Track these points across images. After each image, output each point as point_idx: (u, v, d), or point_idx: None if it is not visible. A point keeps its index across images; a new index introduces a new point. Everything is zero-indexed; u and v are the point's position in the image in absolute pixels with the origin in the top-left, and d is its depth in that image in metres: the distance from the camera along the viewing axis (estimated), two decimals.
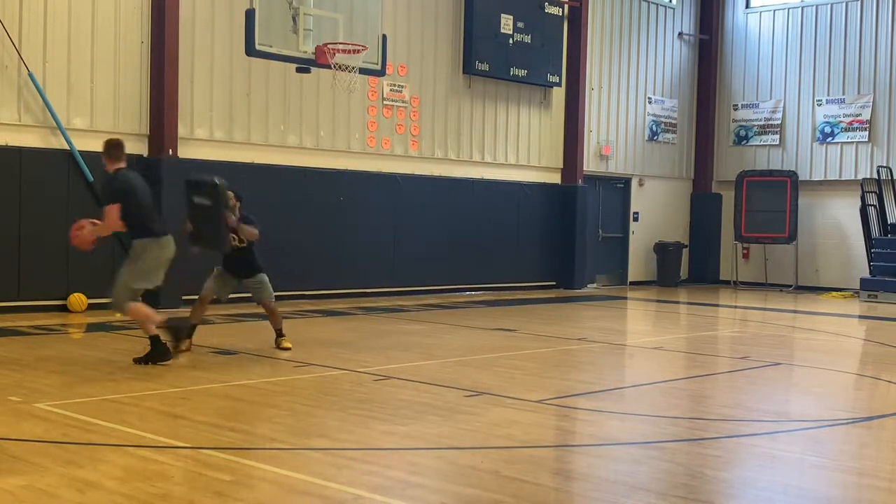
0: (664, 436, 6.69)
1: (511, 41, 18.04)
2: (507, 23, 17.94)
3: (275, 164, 15.05)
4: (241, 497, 4.85)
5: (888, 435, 7.11)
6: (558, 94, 19.41)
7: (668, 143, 22.03)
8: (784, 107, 21.50)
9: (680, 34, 22.11)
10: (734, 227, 21.53)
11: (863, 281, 19.00)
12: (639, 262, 21.49)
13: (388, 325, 12.82)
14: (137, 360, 8.82)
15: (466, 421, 6.79)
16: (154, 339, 8.81)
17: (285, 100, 15.17)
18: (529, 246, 19.04)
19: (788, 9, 21.53)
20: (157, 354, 8.77)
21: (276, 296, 15.84)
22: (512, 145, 18.75)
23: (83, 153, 12.97)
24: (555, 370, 9.47)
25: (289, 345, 10.06)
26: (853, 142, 20.53)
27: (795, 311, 16.73)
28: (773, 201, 20.82)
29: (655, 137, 21.69)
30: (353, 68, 11.95)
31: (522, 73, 18.29)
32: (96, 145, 13.18)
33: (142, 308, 8.94)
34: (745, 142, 22.12)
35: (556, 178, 19.61)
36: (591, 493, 5.21)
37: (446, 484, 5.25)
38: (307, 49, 11.67)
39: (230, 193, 9.71)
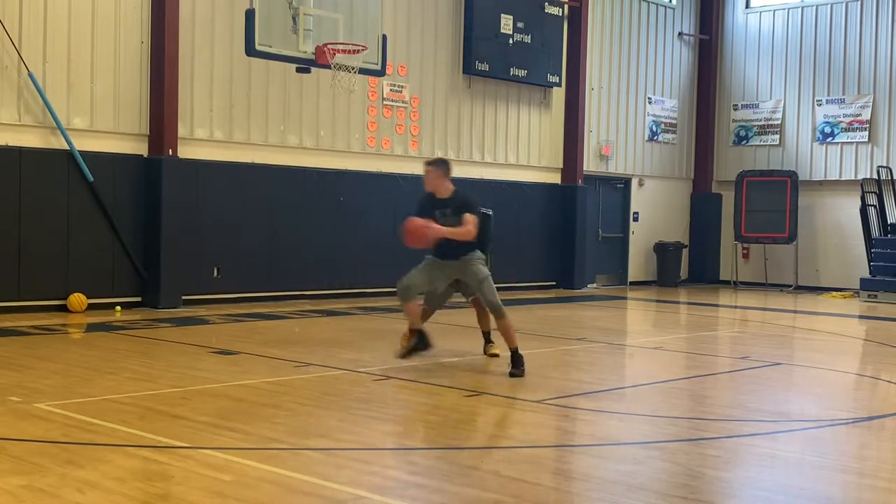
0: (664, 436, 6.69)
1: (511, 41, 18.03)
2: (507, 23, 17.93)
3: (275, 164, 15.05)
4: (241, 497, 4.85)
5: (888, 435, 7.11)
6: (558, 94, 19.41)
7: (668, 144, 22.03)
8: (784, 107, 21.50)
9: (680, 34, 22.11)
10: (734, 227, 21.53)
11: (863, 281, 19.00)
12: (639, 262, 21.49)
13: (388, 325, 12.82)
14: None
15: (466, 421, 6.79)
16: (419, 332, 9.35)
17: (285, 100, 15.17)
18: (529, 246, 19.04)
19: (788, 9, 21.53)
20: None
21: (276, 296, 15.88)
22: (512, 145, 18.75)
23: (83, 153, 12.97)
24: (555, 370, 9.47)
25: (497, 351, 9.68)
26: (853, 142, 20.52)
27: (795, 311, 16.73)
28: (773, 201, 20.82)
29: (655, 137, 21.69)
30: (353, 68, 11.95)
31: (522, 73, 18.29)
32: (96, 145, 13.27)
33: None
34: (744, 142, 22.12)
35: (556, 178, 19.61)
36: (591, 493, 5.21)
37: (446, 484, 5.25)
38: (307, 49, 11.67)
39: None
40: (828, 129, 20.86)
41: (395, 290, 17.46)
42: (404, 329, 9.84)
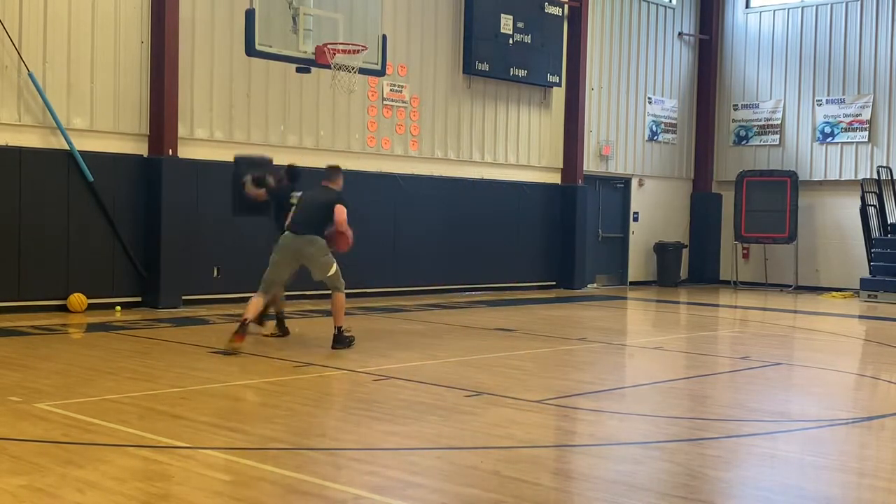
0: (664, 436, 6.69)
1: (511, 41, 18.04)
2: (507, 23, 17.94)
3: (275, 164, 15.02)
4: (241, 497, 4.85)
5: (888, 435, 7.11)
6: (558, 94, 19.41)
7: (668, 143, 22.03)
8: (784, 107, 21.50)
9: (680, 34, 22.11)
10: (734, 227, 21.53)
11: (863, 281, 18.99)
12: (639, 262, 21.49)
13: (388, 325, 12.82)
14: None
15: (466, 421, 6.79)
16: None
17: (285, 100, 15.16)
18: (529, 246, 19.04)
19: (788, 9, 21.53)
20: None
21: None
22: (512, 145, 18.75)
23: (83, 153, 12.97)
24: (555, 370, 9.47)
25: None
26: (853, 142, 20.52)
27: (795, 311, 16.73)
28: (773, 201, 20.82)
29: (655, 137, 21.69)
30: (353, 68, 11.95)
31: (522, 73, 18.29)
32: (96, 145, 13.28)
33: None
34: (744, 142, 22.12)
35: (556, 178, 19.61)
36: (591, 493, 5.21)
37: (446, 484, 5.25)
38: (307, 49, 11.67)
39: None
40: (828, 129, 20.86)
41: (394, 289, 17.46)
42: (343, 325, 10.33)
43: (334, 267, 10.11)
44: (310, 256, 10.00)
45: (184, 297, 13.82)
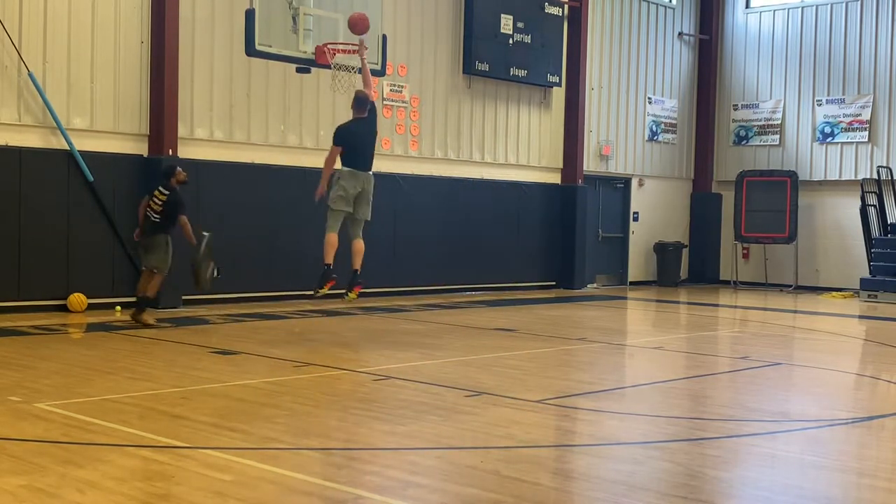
0: (664, 436, 6.69)
1: (511, 41, 18.04)
2: (507, 23, 17.94)
3: (275, 164, 15.05)
4: (241, 497, 4.85)
5: (888, 435, 7.12)
6: (558, 94, 19.41)
7: (668, 143, 22.03)
8: (784, 107, 21.50)
9: (680, 34, 22.11)
10: (734, 227, 21.53)
11: (863, 281, 18.99)
12: (639, 262, 21.49)
13: (388, 325, 12.83)
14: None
15: (466, 421, 6.79)
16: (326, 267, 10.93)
17: (285, 100, 15.16)
18: (529, 246, 19.04)
19: (788, 9, 21.53)
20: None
21: (276, 296, 15.93)
22: (512, 145, 18.75)
23: (83, 153, 12.97)
24: (555, 370, 9.47)
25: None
26: (853, 142, 20.52)
27: (795, 311, 16.73)
28: (773, 201, 20.82)
29: (655, 137, 21.69)
30: (353, 68, 11.95)
31: (522, 73, 18.29)
32: (96, 145, 13.28)
33: (330, 238, 11.11)
34: (744, 142, 22.12)
35: (556, 178, 19.61)
36: (591, 493, 5.22)
37: (446, 484, 5.26)
38: (307, 49, 11.66)
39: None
40: (828, 129, 20.86)
41: (394, 289, 17.44)
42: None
43: None
44: (369, 193, 11.07)
45: (184, 297, 13.82)
